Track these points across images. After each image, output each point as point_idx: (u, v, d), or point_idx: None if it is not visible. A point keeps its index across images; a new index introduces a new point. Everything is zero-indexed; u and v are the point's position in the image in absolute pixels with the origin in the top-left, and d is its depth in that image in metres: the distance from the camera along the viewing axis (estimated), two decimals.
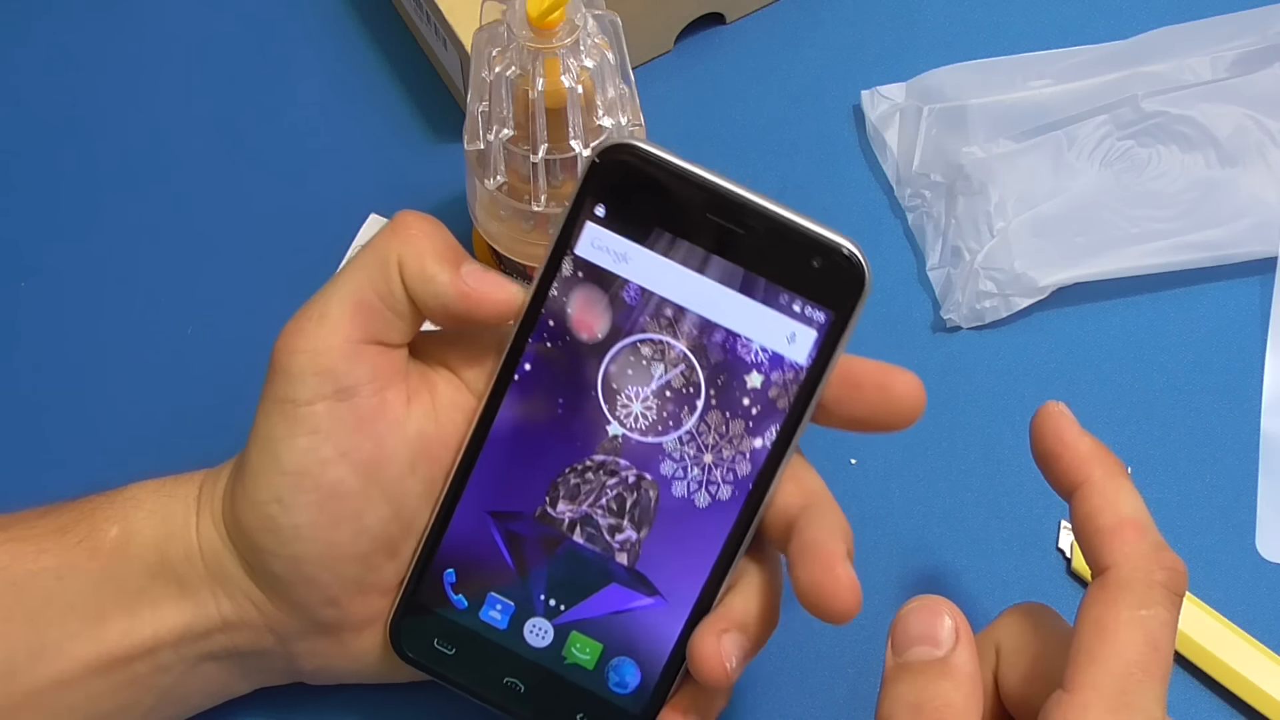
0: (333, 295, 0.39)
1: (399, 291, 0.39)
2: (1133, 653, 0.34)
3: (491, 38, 0.43)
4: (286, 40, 0.58)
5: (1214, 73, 0.55)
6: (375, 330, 0.39)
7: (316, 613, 0.40)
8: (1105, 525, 0.37)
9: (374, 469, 0.39)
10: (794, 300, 0.37)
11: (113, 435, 0.50)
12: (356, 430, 0.38)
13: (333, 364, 0.38)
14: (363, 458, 0.38)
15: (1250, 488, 0.49)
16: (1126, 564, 0.36)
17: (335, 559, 0.39)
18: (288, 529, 0.38)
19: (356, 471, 0.38)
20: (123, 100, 0.56)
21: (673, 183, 0.37)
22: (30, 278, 0.53)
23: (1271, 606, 0.47)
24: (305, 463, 0.38)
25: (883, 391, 0.37)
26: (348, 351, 0.38)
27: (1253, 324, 0.52)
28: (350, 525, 0.39)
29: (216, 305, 0.52)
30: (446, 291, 0.38)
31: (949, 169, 0.53)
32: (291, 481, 0.38)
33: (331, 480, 0.38)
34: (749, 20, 0.59)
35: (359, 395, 0.38)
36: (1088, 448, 0.38)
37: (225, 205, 0.54)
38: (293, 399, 0.38)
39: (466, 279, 0.38)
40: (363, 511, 0.39)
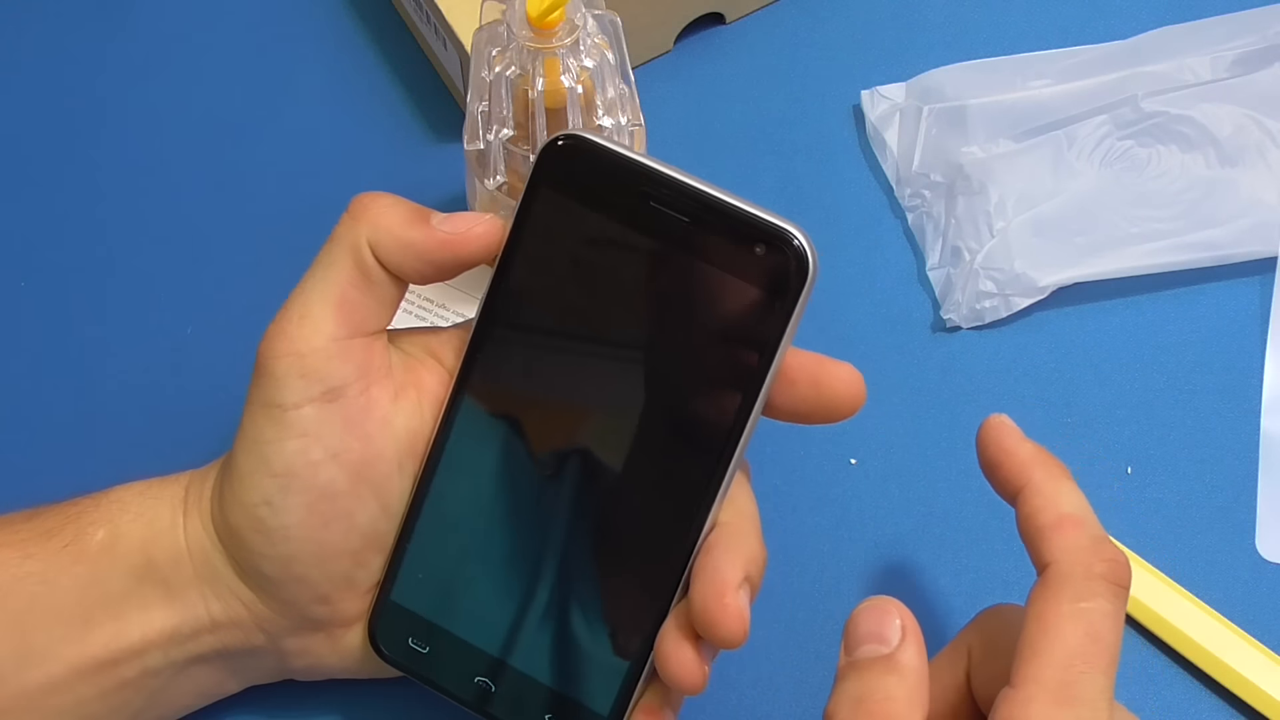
0: (311, 293, 0.39)
1: (377, 274, 0.39)
2: (1073, 644, 0.34)
3: (491, 38, 0.43)
4: (286, 40, 0.58)
5: (1214, 73, 0.55)
6: (357, 322, 0.39)
7: (307, 610, 0.40)
8: (1045, 523, 0.37)
9: (363, 468, 0.39)
10: (739, 287, 0.36)
11: (112, 435, 0.50)
12: (345, 431, 0.38)
13: (318, 365, 0.38)
14: (352, 458, 0.38)
15: (1250, 488, 0.49)
16: (1065, 558, 0.36)
17: (326, 557, 0.39)
18: (278, 530, 0.38)
19: (346, 471, 0.38)
20: (123, 100, 0.56)
21: (620, 172, 0.37)
22: (30, 278, 0.53)
23: (1271, 606, 0.47)
24: (295, 465, 0.38)
25: (816, 387, 0.37)
26: (333, 351, 0.38)
27: (1253, 324, 0.52)
28: (341, 524, 0.39)
29: (216, 305, 0.52)
30: (427, 246, 0.38)
31: (949, 169, 0.53)
32: (281, 483, 0.38)
33: (322, 482, 0.38)
34: (749, 20, 0.59)
35: (346, 395, 0.38)
36: (1028, 453, 0.39)
37: (225, 205, 0.54)
38: (280, 403, 0.38)
39: (441, 227, 0.39)
40: (353, 510, 0.39)
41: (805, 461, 0.50)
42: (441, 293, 0.51)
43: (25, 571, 0.39)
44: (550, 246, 0.38)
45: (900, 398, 0.51)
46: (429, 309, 0.51)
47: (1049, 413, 0.51)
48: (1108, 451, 0.50)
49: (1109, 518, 0.48)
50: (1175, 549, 0.48)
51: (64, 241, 0.53)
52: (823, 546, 0.48)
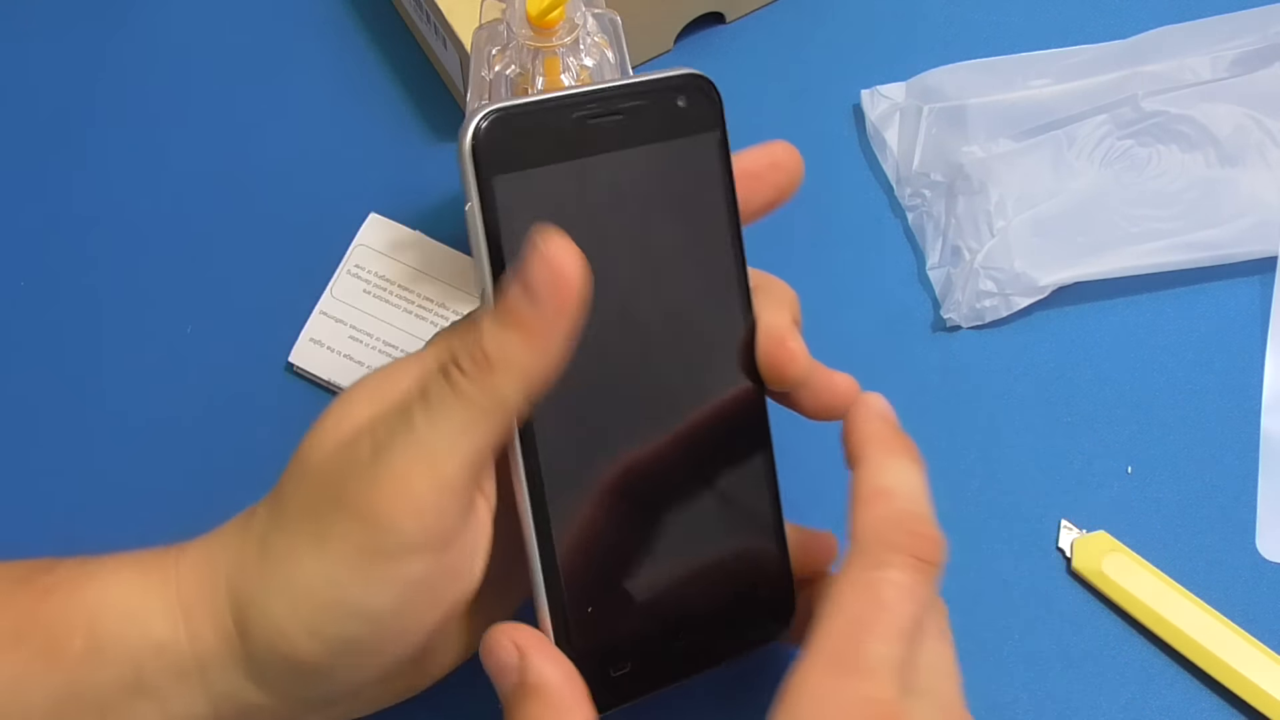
0: (443, 444, 0.34)
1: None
2: (855, 612, 0.33)
3: (491, 37, 0.43)
4: (286, 40, 0.58)
5: (1214, 72, 0.55)
6: (483, 475, 0.36)
7: (365, 689, 0.37)
8: (858, 495, 0.36)
9: (454, 593, 0.36)
10: (685, 139, 0.39)
11: (112, 435, 0.50)
12: (451, 579, 0.36)
13: (442, 525, 0.34)
14: (449, 595, 0.36)
15: (1250, 488, 0.49)
16: (864, 529, 0.35)
17: (397, 664, 0.36)
18: (356, 664, 0.35)
19: (441, 605, 0.36)
20: (122, 100, 0.56)
21: (541, 116, 0.37)
22: (30, 277, 0.53)
23: (1271, 606, 0.47)
24: (393, 611, 0.35)
25: (775, 168, 0.40)
26: (459, 510, 0.35)
27: (1253, 324, 0.52)
28: (423, 631, 0.36)
29: (216, 305, 0.52)
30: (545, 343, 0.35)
31: (949, 168, 0.53)
32: (372, 630, 0.35)
33: (418, 624, 0.35)
34: (749, 20, 0.59)
35: (456, 542, 0.35)
36: (874, 430, 0.38)
37: (225, 204, 0.54)
38: (388, 553, 0.34)
39: (534, 308, 0.34)
40: (438, 610, 0.36)
41: (805, 462, 0.49)
42: (442, 291, 0.51)
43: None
44: (530, 222, 0.36)
45: (900, 398, 0.51)
46: (429, 308, 0.51)
47: (1049, 413, 0.51)
48: (1108, 451, 0.50)
49: (1109, 518, 0.48)
50: (1175, 549, 0.48)
51: (64, 241, 0.53)
52: None
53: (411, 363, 0.38)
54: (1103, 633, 0.47)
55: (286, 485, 0.37)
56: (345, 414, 0.36)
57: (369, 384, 0.37)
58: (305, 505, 0.35)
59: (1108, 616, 0.47)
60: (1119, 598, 0.47)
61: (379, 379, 0.37)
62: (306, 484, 0.36)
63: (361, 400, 0.37)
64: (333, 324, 0.51)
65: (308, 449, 0.37)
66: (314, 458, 0.36)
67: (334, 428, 0.36)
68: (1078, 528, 0.48)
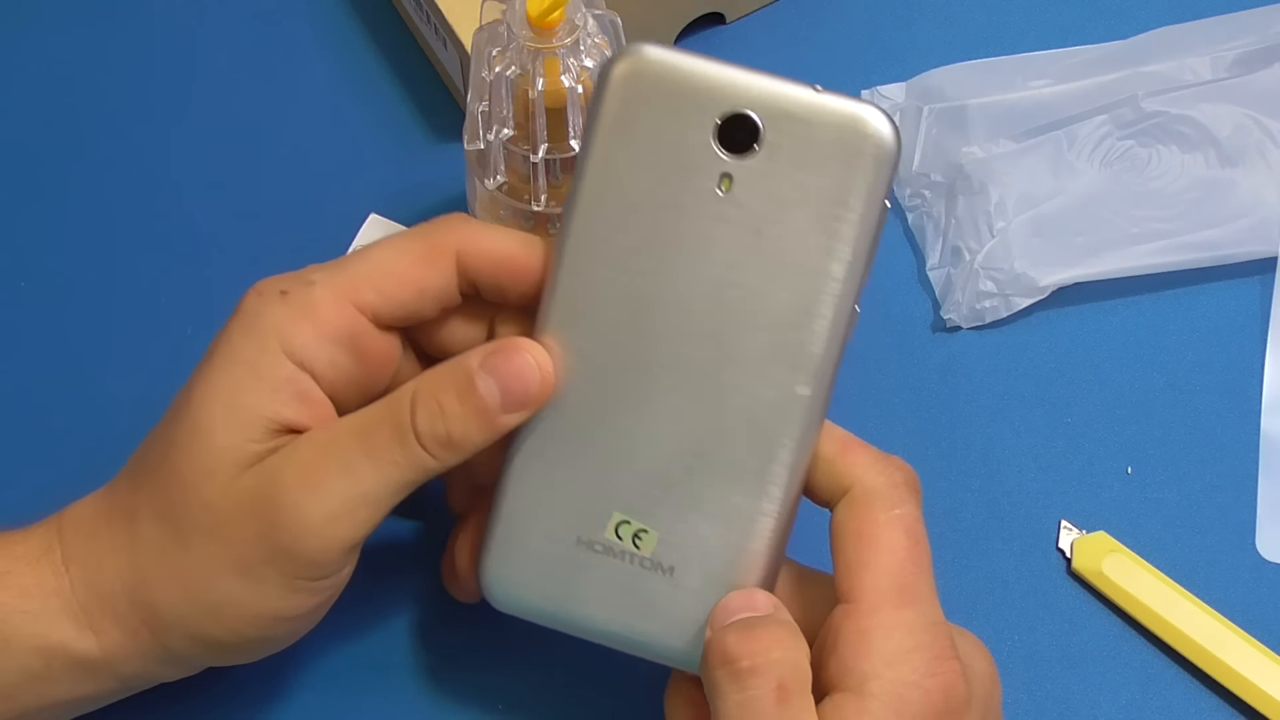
0: (384, 495, 0.38)
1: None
2: (901, 550, 0.36)
3: (491, 37, 0.43)
4: (286, 40, 0.58)
5: (1214, 73, 0.55)
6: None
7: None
8: (830, 452, 0.38)
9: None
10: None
11: (112, 435, 0.49)
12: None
13: (359, 548, 0.38)
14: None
15: (1250, 488, 0.49)
16: (867, 475, 0.38)
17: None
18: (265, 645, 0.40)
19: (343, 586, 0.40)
20: (122, 100, 0.56)
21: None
22: (30, 277, 0.53)
23: (1271, 606, 0.47)
24: (312, 609, 0.39)
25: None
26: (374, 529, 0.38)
27: (1253, 324, 0.52)
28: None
29: (216, 305, 0.52)
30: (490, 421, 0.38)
31: (949, 169, 0.53)
32: (292, 626, 0.39)
33: (327, 609, 0.40)
34: (749, 20, 0.59)
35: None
36: None
37: (225, 205, 0.54)
38: (319, 579, 0.38)
39: (494, 391, 0.37)
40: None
41: None
42: None
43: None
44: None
45: (900, 398, 0.51)
46: None
47: (1049, 413, 0.51)
48: (1108, 451, 0.50)
49: (1109, 518, 0.49)
50: (1175, 549, 0.48)
51: (64, 242, 0.53)
52: (823, 547, 0.48)
53: (251, 347, 0.39)
54: (1103, 633, 0.47)
55: (176, 502, 0.38)
56: (224, 412, 0.38)
57: (235, 398, 0.38)
58: (216, 533, 0.37)
59: (1108, 617, 0.47)
60: (1119, 598, 0.47)
61: (232, 366, 0.39)
62: (209, 513, 0.37)
63: (231, 397, 0.38)
64: None
65: (193, 450, 0.38)
66: (209, 487, 0.37)
67: (219, 429, 0.37)
68: (1078, 528, 0.48)
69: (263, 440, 0.37)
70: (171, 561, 0.37)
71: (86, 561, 0.38)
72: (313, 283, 0.39)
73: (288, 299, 0.39)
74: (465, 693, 0.45)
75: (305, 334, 0.38)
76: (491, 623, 0.41)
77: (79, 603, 0.38)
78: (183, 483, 0.38)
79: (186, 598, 0.37)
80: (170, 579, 0.37)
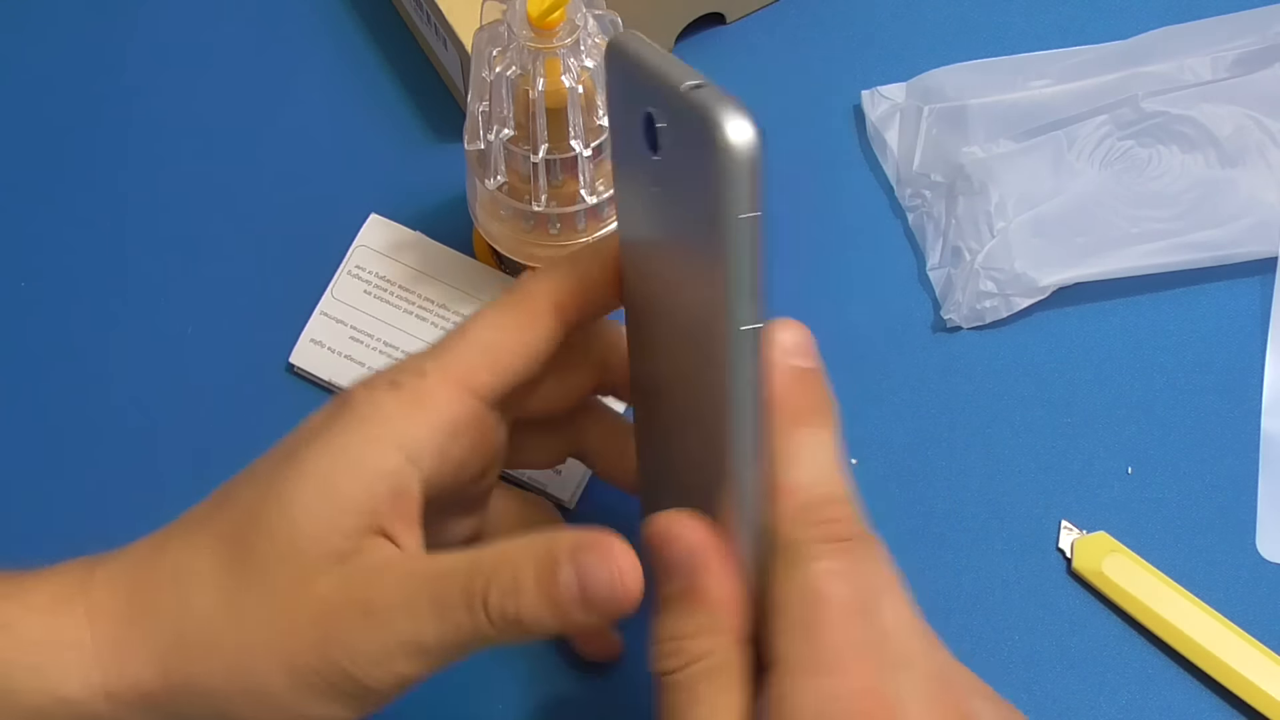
0: (422, 640, 0.35)
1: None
2: (801, 613, 0.33)
3: (492, 38, 0.43)
4: (286, 40, 0.58)
5: (1214, 73, 0.55)
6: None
7: None
8: (770, 488, 0.35)
9: None
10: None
11: (112, 435, 0.50)
12: None
13: (409, 684, 0.36)
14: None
15: (1250, 488, 0.49)
16: (780, 531, 0.34)
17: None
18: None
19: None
20: (123, 100, 0.56)
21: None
22: (30, 278, 0.53)
23: (1271, 606, 0.47)
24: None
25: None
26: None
27: (1253, 324, 0.52)
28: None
29: (216, 305, 0.52)
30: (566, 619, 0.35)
31: (949, 169, 0.53)
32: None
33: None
34: (749, 20, 0.59)
35: None
36: (782, 387, 0.36)
37: (225, 205, 0.54)
38: (352, 696, 0.36)
39: (577, 593, 0.34)
40: None
41: None
42: (442, 292, 0.51)
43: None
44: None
45: (900, 398, 0.51)
46: (429, 309, 0.51)
47: (1049, 413, 0.51)
48: (1108, 451, 0.50)
49: (1109, 518, 0.49)
50: (1175, 549, 0.48)
51: (64, 242, 0.53)
52: None
53: (355, 436, 0.36)
54: (1103, 633, 0.47)
55: (243, 580, 0.36)
56: (310, 515, 0.35)
57: (323, 466, 0.36)
58: (278, 624, 0.35)
59: (1108, 617, 0.47)
60: (1119, 598, 0.47)
61: (328, 457, 0.36)
62: (277, 600, 0.35)
63: (320, 500, 0.36)
64: (333, 325, 0.51)
65: (274, 554, 0.36)
66: (283, 574, 0.35)
67: (304, 534, 0.35)
68: (1078, 528, 0.48)
69: (351, 538, 0.35)
70: (222, 640, 0.35)
71: (116, 618, 0.36)
72: (424, 373, 0.37)
73: (400, 392, 0.37)
74: (465, 693, 0.45)
75: (418, 425, 0.36)
76: None
77: (97, 659, 0.36)
78: (257, 563, 0.36)
79: (228, 677, 0.35)
80: (215, 653, 0.35)
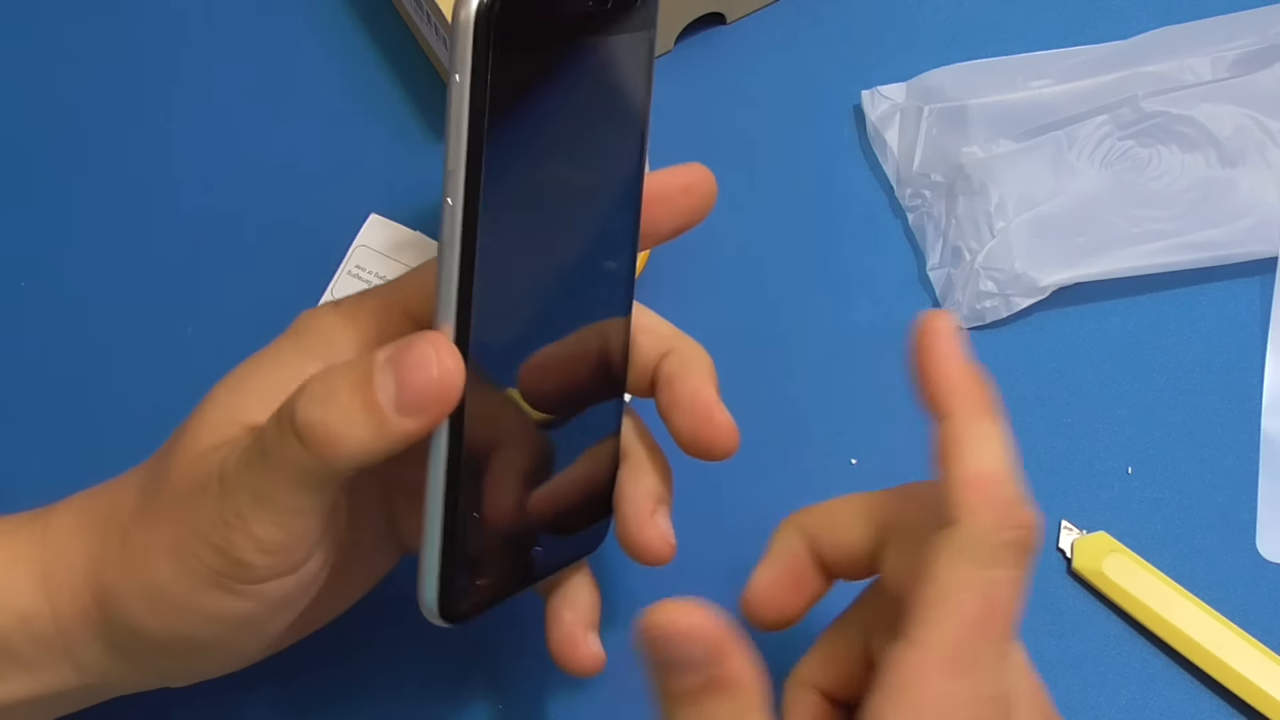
0: (283, 500, 0.34)
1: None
2: (972, 613, 0.33)
3: None
4: (286, 40, 0.58)
5: (1214, 73, 0.55)
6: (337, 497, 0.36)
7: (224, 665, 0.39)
8: (959, 476, 0.35)
9: (306, 596, 0.38)
10: (630, 35, 0.37)
11: (113, 435, 0.50)
12: (304, 588, 0.37)
13: (291, 559, 0.36)
14: (301, 600, 0.38)
15: (1250, 488, 0.49)
16: (973, 521, 0.34)
17: (250, 651, 0.39)
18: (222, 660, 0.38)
19: (293, 609, 0.38)
20: (122, 100, 0.56)
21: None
22: (30, 278, 0.53)
23: (1271, 606, 0.47)
24: (246, 619, 0.37)
25: (686, 192, 0.39)
26: (310, 540, 0.36)
27: (1253, 324, 0.52)
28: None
29: (216, 306, 0.52)
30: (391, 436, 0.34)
31: (949, 169, 0.53)
32: (225, 631, 0.37)
33: (271, 626, 0.38)
34: (749, 20, 0.59)
35: (308, 562, 0.37)
36: (958, 377, 0.37)
37: (225, 205, 0.54)
38: (241, 580, 0.35)
39: (391, 391, 0.33)
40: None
41: (805, 462, 0.50)
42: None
43: None
44: (512, 108, 0.34)
45: (900, 398, 0.51)
46: None
47: (1049, 413, 0.51)
48: (1108, 451, 0.50)
49: (1109, 518, 0.48)
50: (1175, 549, 0.48)
51: (64, 242, 0.53)
52: None
53: (289, 352, 0.37)
54: (1103, 633, 0.47)
55: (156, 476, 0.37)
56: (220, 414, 0.37)
57: (247, 378, 0.37)
58: (167, 511, 0.36)
59: (1108, 617, 0.47)
60: (1119, 598, 0.47)
61: (257, 371, 0.37)
62: (170, 487, 0.36)
63: (234, 399, 0.37)
64: None
65: (181, 446, 0.37)
66: (182, 460, 0.36)
67: (208, 429, 0.36)
68: (1078, 528, 0.48)
69: (250, 430, 0.36)
70: (128, 536, 0.36)
71: (65, 533, 0.37)
72: (367, 295, 0.38)
73: (339, 308, 0.38)
74: (465, 692, 0.45)
75: (348, 337, 0.37)
76: (491, 622, 0.41)
77: (45, 572, 0.37)
78: (165, 455, 0.37)
79: (128, 575, 0.36)
80: (121, 553, 0.36)
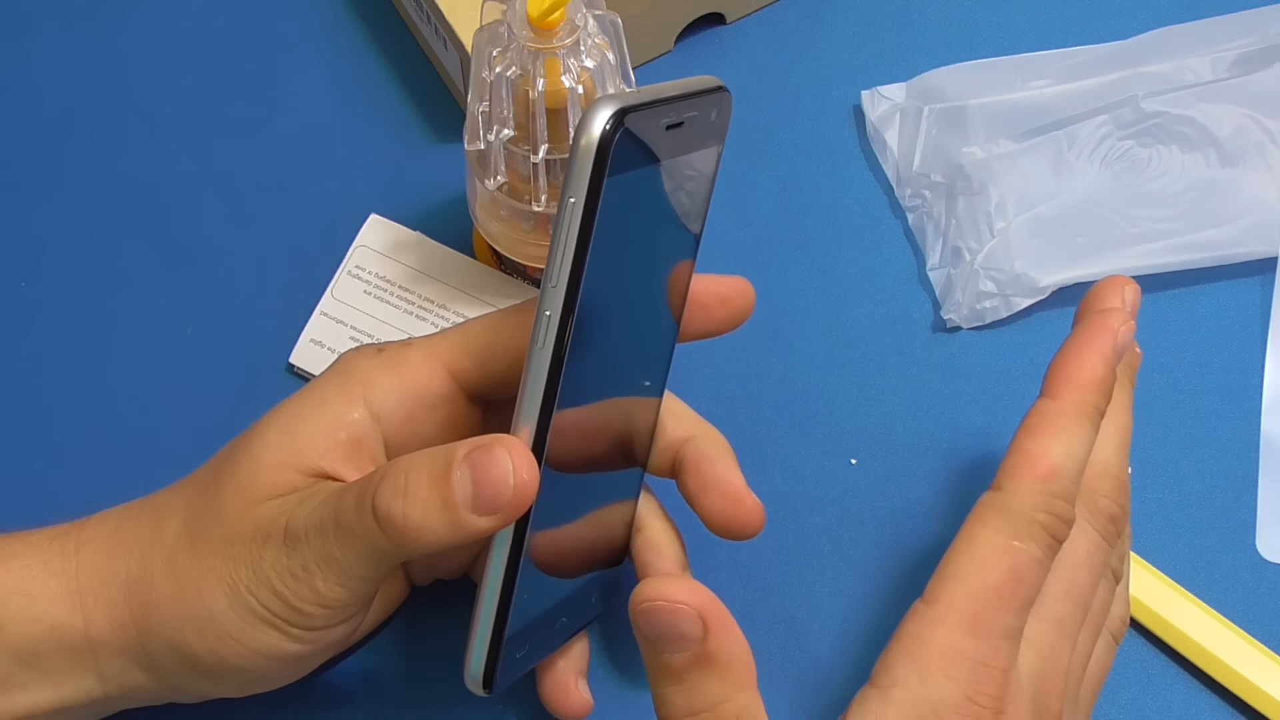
0: (353, 567, 0.36)
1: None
2: (994, 579, 0.35)
3: (492, 38, 0.43)
4: (286, 40, 0.58)
5: (1214, 73, 0.55)
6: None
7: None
8: (1021, 447, 0.37)
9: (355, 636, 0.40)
10: (704, 150, 0.39)
11: (113, 435, 0.50)
12: (352, 630, 0.39)
13: (347, 612, 0.38)
14: (350, 639, 0.40)
15: (1250, 488, 0.49)
16: (1018, 495, 0.36)
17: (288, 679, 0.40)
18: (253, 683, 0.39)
19: (340, 647, 0.40)
20: (122, 100, 0.56)
21: (649, 118, 0.35)
22: (30, 278, 0.53)
23: (1271, 606, 0.47)
24: (295, 656, 0.38)
25: (724, 303, 0.41)
26: (366, 598, 0.39)
27: (1253, 324, 0.52)
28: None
29: (216, 305, 0.52)
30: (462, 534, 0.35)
31: (949, 169, 0.54)
32: (272, 665, 0.38)
33: (314, 661, 0.39)
34: (749, 20, 0.59)
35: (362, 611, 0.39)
36: (1087, 371, 0.39)
37: (225, 205, 0.54)
38: (297, 626, 0.37)
39: (468, 495, 0.35)
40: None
41: (805, 462, 0.50)
42: (442, 292, 0.51)
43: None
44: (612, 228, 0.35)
45: (900, 398, 0.51)
46: (429, 309, 0.51)
47: None
48: None
49: None
50: (1175, 549, 0.48)
51: (64, 243, 0.53)
52: (823, 546, 0.48)
53: (334, 395, 0.39)
54: None
55: (204, 509, 0.38)
56: (273, 457, 0.38)
57: (295, 420, 0.39)
58: (223, 549, 0.37)
59: None
60: None
61: (303, 415, 0.39)
62: (226, 526, 0.38)
63: (286, 442, 0.38)
64: (333, 325, 0.51)
65: (236, 487, 0.38)
66: (238, 502, 0.38)
67: (265, 473, 0.38)
68: None
69: (304, 475, 0.38)
70: (177, 563, 0.38)
71: (100, 548, 0.38)
72: (410, 345, 0.40)
73: (382, 354, 0.40)
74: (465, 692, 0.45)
75: (390, 385, 0.39)
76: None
77: (79, 585, 0.38)
78: (217, 491, 0.38)
79: (178, 602, 0.37)
80: (170, 579, 0.38)
